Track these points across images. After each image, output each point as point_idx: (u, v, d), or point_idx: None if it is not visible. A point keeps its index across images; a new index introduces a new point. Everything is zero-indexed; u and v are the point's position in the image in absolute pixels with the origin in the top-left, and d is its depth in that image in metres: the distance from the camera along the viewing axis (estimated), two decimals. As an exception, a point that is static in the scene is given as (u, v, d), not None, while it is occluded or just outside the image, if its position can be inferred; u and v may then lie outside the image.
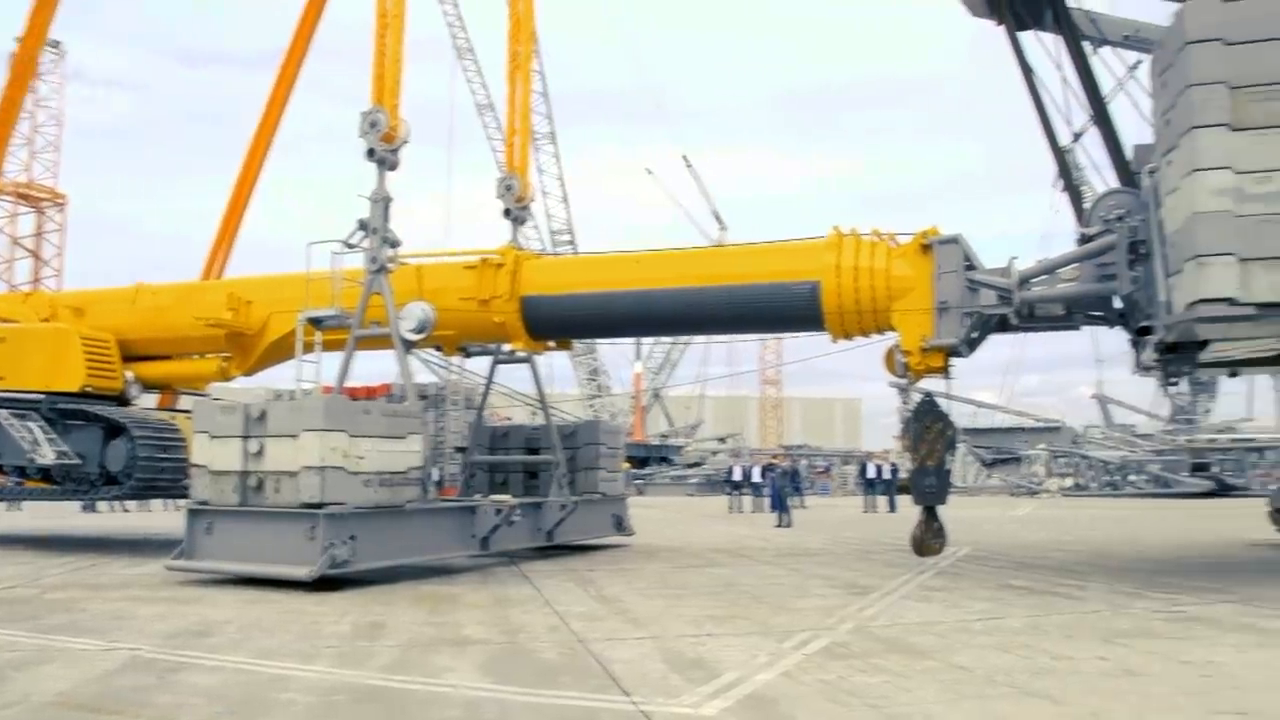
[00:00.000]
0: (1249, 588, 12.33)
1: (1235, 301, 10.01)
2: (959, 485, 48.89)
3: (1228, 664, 7.86)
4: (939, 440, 13.93)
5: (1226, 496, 42.59)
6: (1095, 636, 9.09)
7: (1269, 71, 10.24)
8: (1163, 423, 65.99)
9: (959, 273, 13.68)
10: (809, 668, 7.75)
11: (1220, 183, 10.12)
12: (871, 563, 16.13)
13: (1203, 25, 10.55)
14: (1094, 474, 53.06)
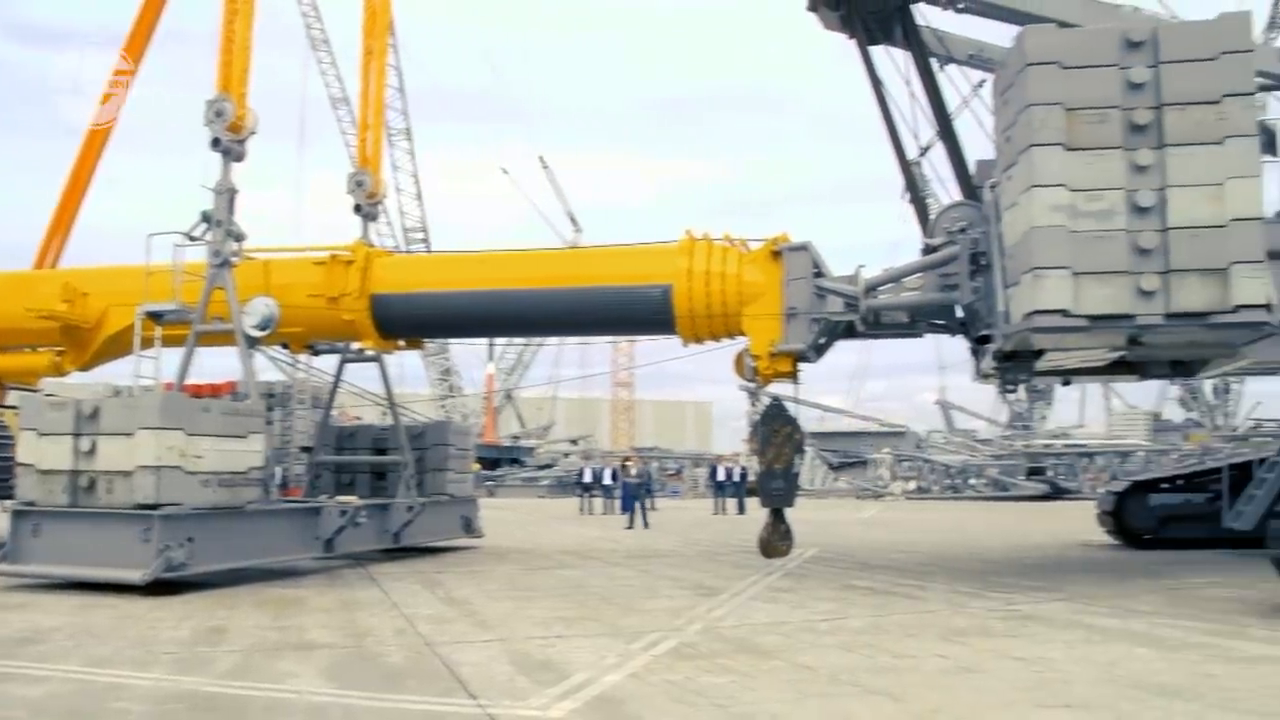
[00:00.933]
0: (1079, 587, 12.88)
1: (1068, 313, 10.41)
2: (806, 488, 49.80)
3: (1058, 660, 8.18)
4: (786, 444, 14.17)
5: (1060, 499, 44.27)
6: (935, 635, 9.36)
7: (1100, 96, 10.70)
8: (1001, 428, 68.53)
9: (808, 279, 13.94)
10: (657, 668, 7.80)
11: (1056, 199, 10.54)
12: (720, 564, 16.33)
13: (1041, 49, 10.96)
14: (936, 477, 54.71)
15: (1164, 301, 10.40)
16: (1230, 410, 68.92)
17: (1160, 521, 18.61)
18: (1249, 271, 10.33)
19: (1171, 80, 10.67)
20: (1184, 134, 10.56)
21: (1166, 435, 62.98)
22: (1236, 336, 11.07)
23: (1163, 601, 11.55)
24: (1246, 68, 10.92)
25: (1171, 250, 10.41)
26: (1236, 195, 10.44)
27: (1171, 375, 14.36)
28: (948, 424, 73.07)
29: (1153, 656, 8.34)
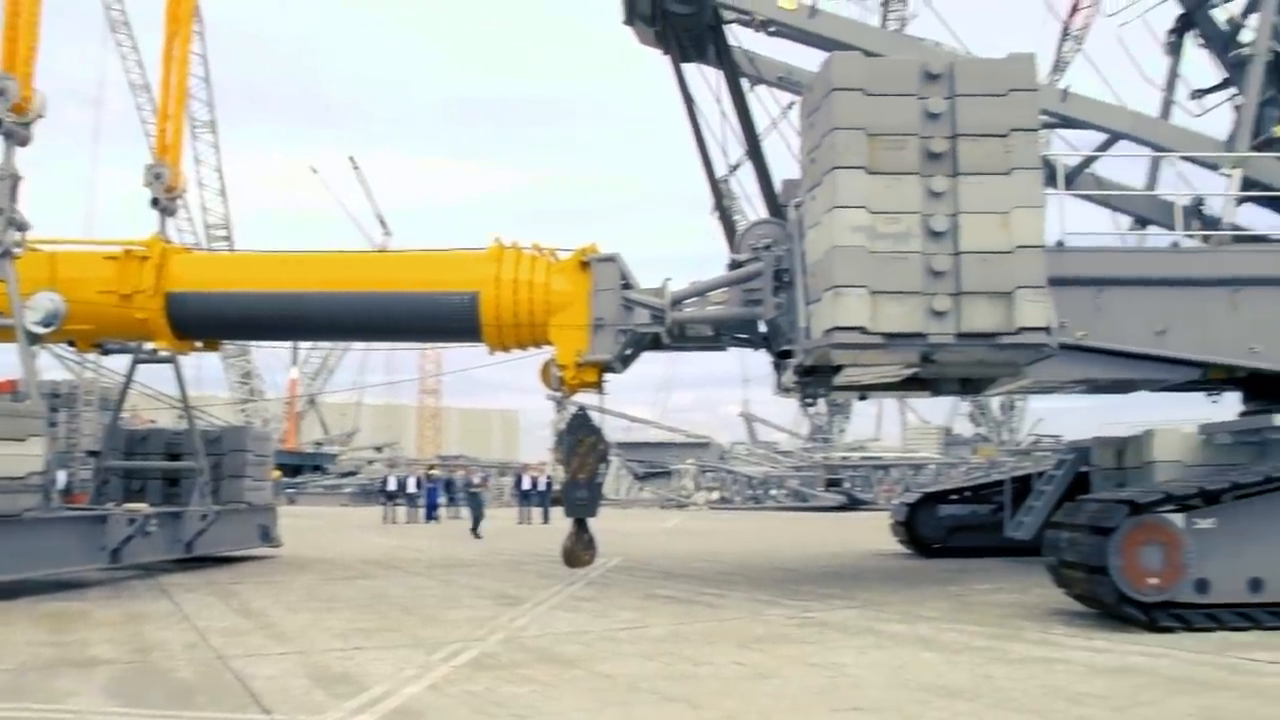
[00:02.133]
0: (871, 594, 13.33)
1: (866, 330, 10.78)
2: (611, 498, 50.15)
3: (850, 665, 8.45)
4: (591, 454, 14.23)
5: (856, 510, 45.64)
6: (733, 642, 9.55)
7: (899, 124, 11.14)
8: (802, 441, 70.48)
9: (615, 291, 14.05)
10: (457, 679, 7.73)
11: (856, 220, 10.90)
12: (524, 574, 16.29)
13: (847, 76, 11.33)
14: (739, 488, 55.75)
15: (955, 322, 10.88)
16: (1015, 426, 72.65)
17: (949, 531, 19.44)
18: (1032, 296, 10.93)
19: (965, 112, 11.19)
20: (975, 164, 11.08)
21: (957, 449, 65.65)
22: (1020, 357, 11.67)
23: (949, 608, 12.06)
24: (1032, 105, 11.55)
25: (962, 273, 10.91)
26: (1022, 224, 11.03)
27: (961, 392, 15.03)
28: (751, 436, 74.73)
29: (938, 660, 8.71)
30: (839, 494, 49.77)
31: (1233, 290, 12.98)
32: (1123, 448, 14.12)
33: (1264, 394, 14.06)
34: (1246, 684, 7.74)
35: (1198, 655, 8.83)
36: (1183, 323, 12.90)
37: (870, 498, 49.43)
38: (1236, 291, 12.98)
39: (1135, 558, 10.06)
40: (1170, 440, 13.19)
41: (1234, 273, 13.06)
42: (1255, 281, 13.02)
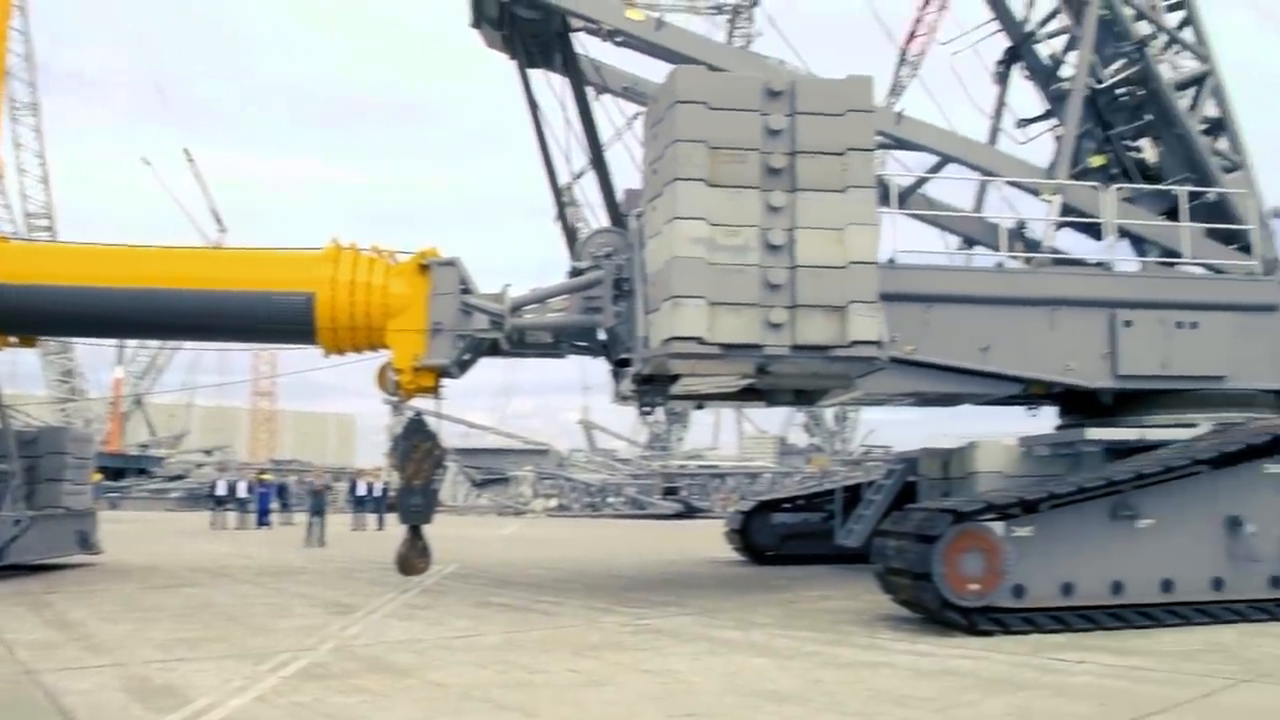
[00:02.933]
0: (705, 601, 13.50)
1: (703, 341, 10.91)
2: (448, 504, 49.62)
3: (684, 671, 8.54)
4: (427, 459, 14.03)
5: (693, 518, 46.11)
6: (568, 650, 9.56)
7: (740, 138, 11.30)
8: (640, 448, 70.93)
9: (455, 295, 13.88)
10: (285, 690, 7.54)
11: (696, 232, 11.03)
12: (356, 581, 16.00)
13: (691, 89, 11.45)
14: (577, 495, 55.83)
15: (790, 334, 11.10)
16: (848, 437, 74.66)
17: (782, 539, 19.81)
18: (865, 310, 11.24)
19: (805, 130, 11.42)
20: (813, 180, 11.33)
21: (791, 458, 67.09)
22: (852, 369, 11.99)
23: (781, 614, 12.30)
24: (868, 126, 11.88)
25: (798, 287, 11.13)
26: (856, 240, 11.32)
27: (795, 403, 15.38)
28: (590, 443, 74.92)
29: (769, 665, 8.87)
30: (676, 502, 50.25)
31: (1051, 310, 13.64)
32: (948, 459, 14.65)
33: (1078, 409, 14.81)
34: (1057, 683, 8.12)
35: (1014, 657, 9.21)
36: (1005, 340, 13.48)
37: (707, 506, 50.01)
38: (1055, 311, 13.64)
39: (957, 564, 10.43)
40: (992, 452, 13.76)
41: (1053, 294, 13.72)
42: (1072, 303, 13.72)
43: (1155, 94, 15.77)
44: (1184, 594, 11.32)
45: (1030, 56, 17.25)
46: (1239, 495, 11.71)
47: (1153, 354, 13.74)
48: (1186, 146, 15.72)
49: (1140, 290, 14.11)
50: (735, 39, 50.49)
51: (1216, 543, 11.58)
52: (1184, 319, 13.86)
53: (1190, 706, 7.26)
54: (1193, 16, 16.59)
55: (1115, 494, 11.22)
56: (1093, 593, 11.06)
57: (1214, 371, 13.93)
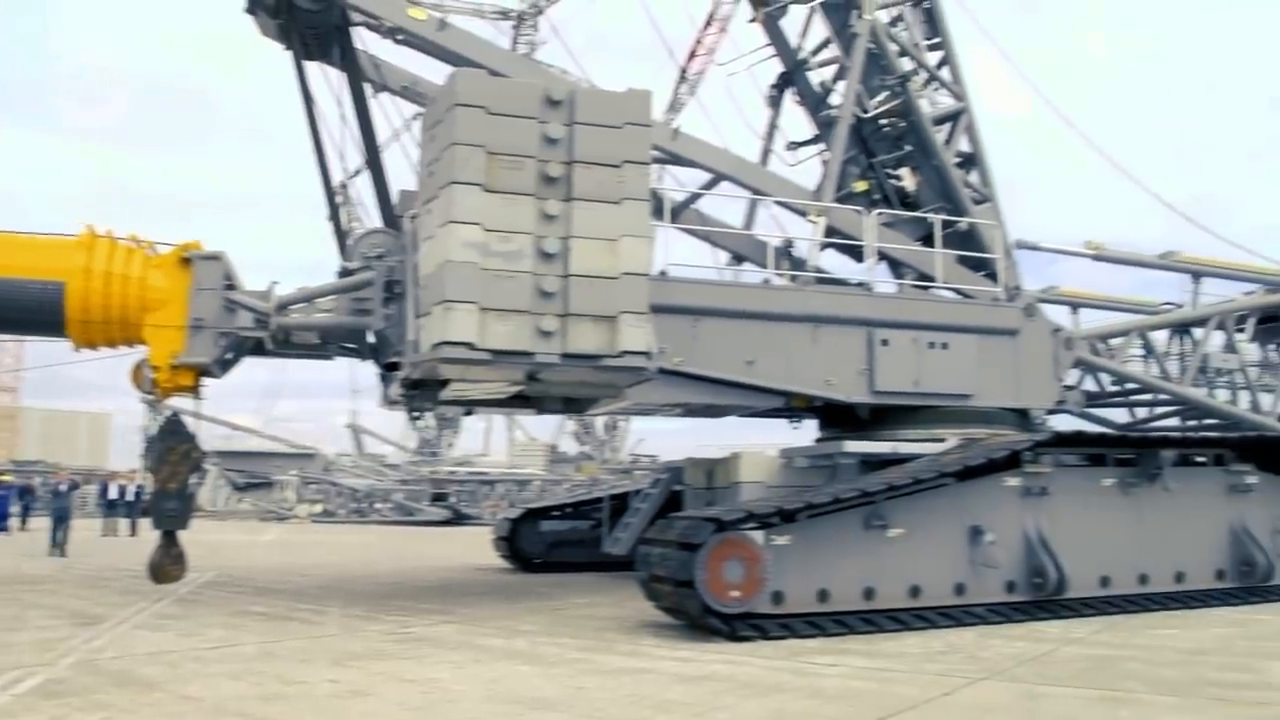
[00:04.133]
0: (471, 609, 13.40)
1: (474, 346, 10.84)
2: (208, 509, 47.67)
3: (446, 680, 8.46)
4: (183, 461, 13.42)
5: (461, 525, 45.69)
6: (328, 659, 9.32)
7: (519, 145, 11.30)
8: (410, 454, 69.83)
9: (218, 291, 13.33)
10: (17, 710, 7.06)
11: (470, 237, 10.95)
12: (104, 590, 15.17)
13: (471, 92, 11.37)
14: (343, 500, 54.46)
15: (561, 342, 11.16)
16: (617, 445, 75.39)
17: (550, 546, 19.84)
18: (635, 321, 11.40)
19: (583, 140, 11.50)
20: (589, 191, 11.42)
21: (562, 466, 67.35)
22: (621, 378, 12.13)
23: (546, 621, 12.32)
24: (645, 139, 12.07)
25: (571, 296, 11.20)
26: (629, 252, 11.48)
27: (565, 410, 15.42)
28: (358, 448, 73.24)
29: (533, 673, 8.88)
30: (445, 508, 49.68)
31: (814, 327, 14.17)
32: (712, 469, 15.01)
33: (836, 422, 15.43)
34: (810, 685, 8.42)
35: (771, 661, 9.50)
36: (770, 354, 13.92)
37: (476, 513, 49.64)
38: (817, 328, 14.17)
39: (719, 572, 10.69)
40: (754, 462, 14.19)
41: (815, 311, 14.25)
42: (833, 320, 14.29)
43: (915, 127, 16.62)
44: (929, 599, 11.97)
45: (802, 83, 17.89)
46: (980, 506, 12.47)
47: (906, 372, 14.46)
48: (942, 178, 16.63)
49: (897, 311, 14.82)
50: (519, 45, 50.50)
51: (959, 550, 12.29)
52: (935, 340, 14.66)
53: (930, 705, 7.66)
54: (950, 57, 17.57)
55: (868, 504, 11.74)
56: (846, 598, 11.55)
57: (961, 390, 14.78)
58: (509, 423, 73.28)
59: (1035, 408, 15.86)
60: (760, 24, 17.60)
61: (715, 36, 40.67)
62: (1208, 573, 13.86)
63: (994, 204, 16.91)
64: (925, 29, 17.75)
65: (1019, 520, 12.68)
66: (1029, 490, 12.77)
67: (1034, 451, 12.89)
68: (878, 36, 16.31)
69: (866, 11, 16.22)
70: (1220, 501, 14.10)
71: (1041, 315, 16.03)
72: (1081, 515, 13.04)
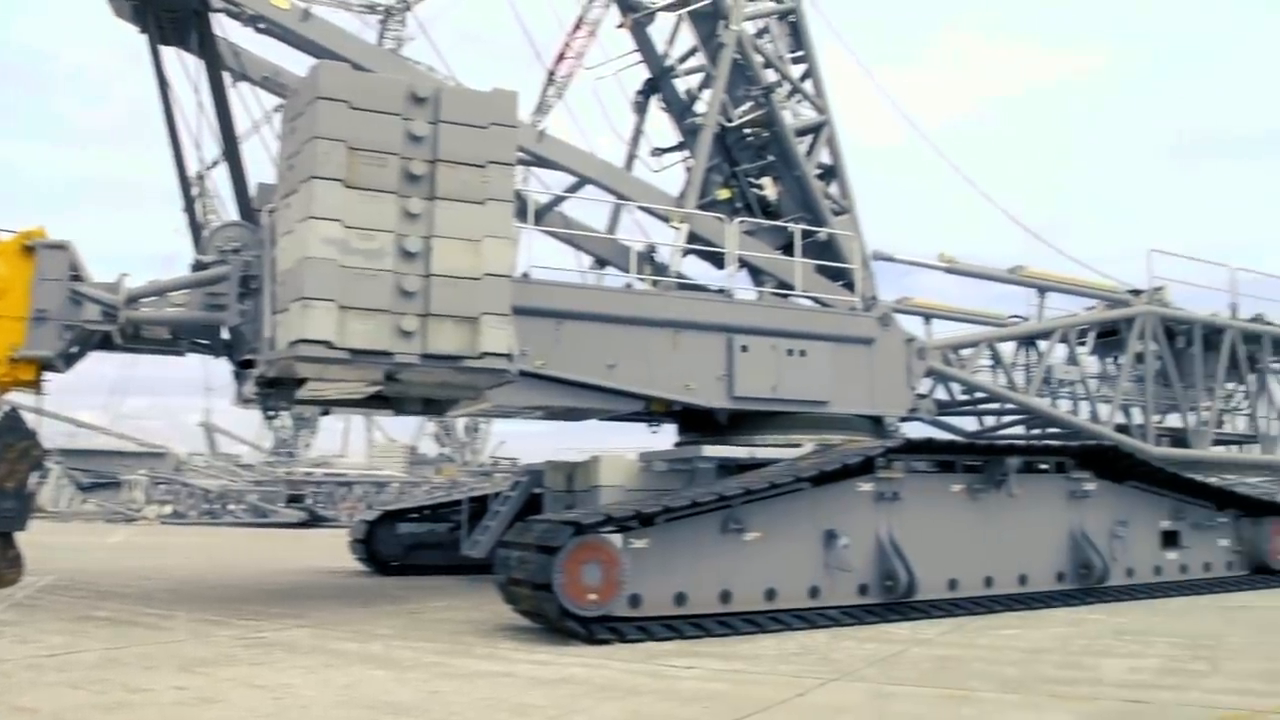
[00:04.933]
0: (325, 612, 13.14)
1: (332, 345, 10.65)
2: (50, 510, 45.76)
3: (298, 685, 8.28)
4: (22, 459, 12.82)
5: (318, 527, 44.85)
6: (175, 666, 9.04)
7: (382, 141, 11.15)
8: (265, 454, 68.29)
9: (63, 282, 12.79)
10: None
11: (330, 233, 10.75)
12: (-69, 595, 14.45)
13: (334, 86, 11.16)
14: (195, 501, 52.92)
15: (421, 342, 11.04)
16: (478, 447, 74.97)
17: (407, 549, 19.58)
18: (496, 323, 11.35)
19: (447, 139, 11.40)
20: (452, 190, 11.33)
21: (421, 468, 66.66)
22: (482, 380, 12.06)
23: (402, 625, 12.15)
24: (510, 140, 12.02)
25: (432, 295, 11.09)
26: (492, 253, 11.42)
27: (424, 412, 15.26)
28: (211, 447, 71.32)
29: (387, 677, 8.75)
30: (300, 510, 48.71)
31: (675, 332, 14.30)
32: (572, 472, 15.01)
33: (695, 427, 15.61)
34: (666, 688, 8.47)
35: (628, 664, 9.53)
36: (631, 358, 14.00)
37: (333, 515, 48.82)
38: (678, 333, 14.31)
39: (577, 575, 10.71)
40: (614, 466, 14.24)
41: (676, 316, 14.39)
42: (694, 326, 14.45)
43: (778, 137, 16.91)
44: (785, 602, 12.18)
45: (668, 90, 18.04)
46: (835, 511, 12.74)
47: (765, 378, 14.71)
48: (803, 188, 16.95)
49: (756, 318, 15.05)
50: (385, 41, 49.82)
51: (814, 554, 12.53)
52: (794, 347, 14.95)
53: (784, 706, 7.79)
54: (813, 71, 17.93)
55: (725, 508, 11.90)
56: (703, 602, 11.68)
57: (818, 397, 15.09)
58: (368, 423, 72.39)
59: (889, 415, 16.30)
60: (628, 30, 17.68)
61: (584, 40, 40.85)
62: (1049, 575, 14.42)
63: (853, 215, 17.31)
64: (790, 42, 18.10)
65: (872, 524, 13.00)
66: (882, 495, 13.10)
67: (887, 457, 13.23)
68: (744, 47, 16.55)
69: (733, 22, 16.46)
70: (1061, 507, 14.69)
71: (896, 325, 16.49)
72: (931, 520, 13.44)
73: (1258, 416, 22.33)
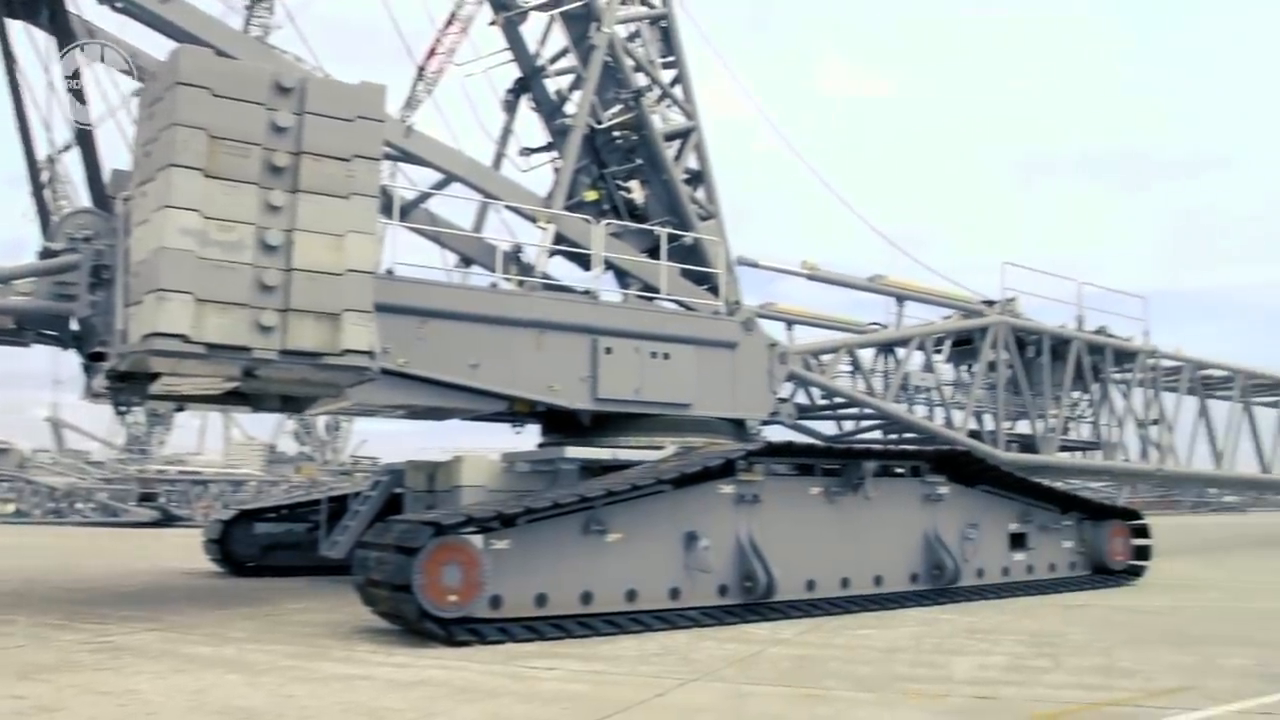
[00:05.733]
0: (177, 616, 12.75)
1: (188, 339, 10.37)
2: None
3: (147, 691, 8.06)
4: None
5: (172, 526, 43.65)
6: (13, 673, 8.68)
7: (245, 131, 10.89)
8: (117, 451, 65.96)
9: None
10: None
11: (188, 223, 10.44)
12: None
13: (195, 71, 10.85)
14: (40, 500, 50.91)
15: (281, 338, 10.82)
16: (339, 446, 73.67)
17: (264, 550, 19.14)
18: (358, 320, 11.20)
19: (312, 131, 11.21)
20: (316, 183, 11.13)
21: (281, 467, 65.30)
22: (342, 378, 11.88)
23: (257, 628, 11.88)
24: (377, 135, 11.87)
25: (293, 290, 10.89)
26: (355, 248, 11.26)
27: (283, 409, 14.95)
28: (58, 443, 68.56)
29: (240, 681, 8.56)
30: (153, 509, 47.33)
31: (539, 333, 14.28)
32: (434, 471, 14.88)
33: (559, 428, 15.62)
34: (527, 690, 8.47)
35: (488, 666, 9.50)
36: (495, 358, 13.93)
37: (187, 514, 47.59)
38: (543, 334, 14.30)
39: (437, 576, 10.62)
40: (476, 466, 14.15)
41: (541, 317, 14.37)
42: (558, 327, 14.46)
43: (647, 141, 17.00)
44: (646, 603, 12.26)
45: (538, 90, 17.99)
46: (696, 512, 12.87)
47: (629, 380, 14.78)
48: (670, 192, 17.07)
49: (621, 320, 15.11)
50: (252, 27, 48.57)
51: (675, 555, 12.65)
52: (658, 350, 15.07)
53: (644, 706, 7.85)
54: (683, 76, 18.08)
55: (587, 509, 11.93)
56: (565, 603, 11.69)
57: (681, 399, 15.24)
58: (225, 420, 70.43)
59: (750, 418, 16.52)
60: (500, 28, 17.58)
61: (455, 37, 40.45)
62: (903, 576, 14.81)
63: (718, 221, 17.50)
64: (661, 47, 18.21)
65: (732, 526, 13.16)
66: (742, 497, 13.28)
67: (747, 460, 13.42)
68: (615, 50, 16.60)
69: (605, 25, 16.50)
70: (915, 510, 15.10)
71: (759, 330, 16.74)
72: (790, 522, 13.67)
73: (1100, 424, 23.35)
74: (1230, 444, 26.55)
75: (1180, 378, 25.36)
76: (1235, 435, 26.68)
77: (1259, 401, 28.02)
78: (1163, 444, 24.71)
